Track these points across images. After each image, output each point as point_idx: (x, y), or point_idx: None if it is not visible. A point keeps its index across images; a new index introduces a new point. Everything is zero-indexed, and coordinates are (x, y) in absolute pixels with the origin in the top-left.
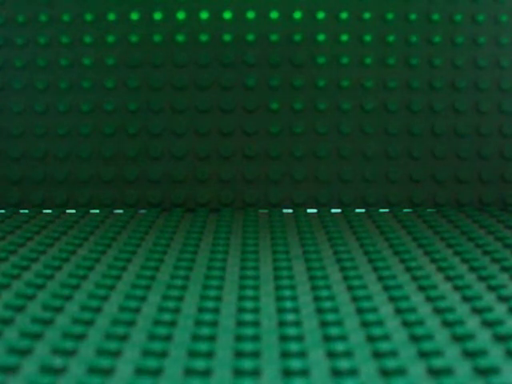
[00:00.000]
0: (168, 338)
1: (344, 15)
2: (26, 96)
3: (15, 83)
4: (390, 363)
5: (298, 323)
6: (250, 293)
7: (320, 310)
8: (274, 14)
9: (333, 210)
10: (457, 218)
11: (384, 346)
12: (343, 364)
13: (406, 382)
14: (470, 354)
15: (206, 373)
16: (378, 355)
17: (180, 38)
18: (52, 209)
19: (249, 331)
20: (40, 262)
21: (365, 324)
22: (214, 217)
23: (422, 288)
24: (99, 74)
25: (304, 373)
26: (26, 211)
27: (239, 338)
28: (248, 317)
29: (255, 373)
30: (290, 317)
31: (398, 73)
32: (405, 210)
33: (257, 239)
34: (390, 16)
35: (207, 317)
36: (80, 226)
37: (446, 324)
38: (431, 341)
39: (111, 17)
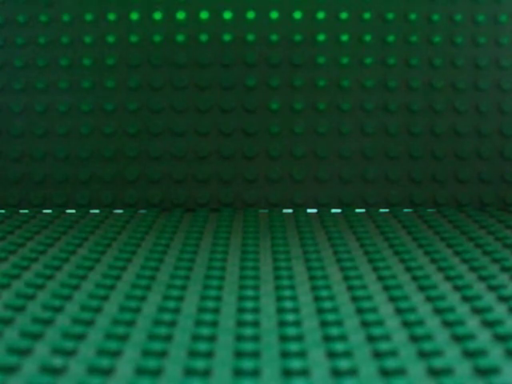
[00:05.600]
0: (168, 338)
1: (344, 15)
2: (26, 96)
3: (15, 83)
4: (390, 363)
5: (298, 323)
6: (249, 293)
7: (320, 310)
8: (273, 14)
9: (333, 210)
10: (457, 218)
11: (384, 346)
12: (343, 364)
13: (405, 382)
14: (470, 354)
15: (206, 373)
16: (377, 355)
17: (180, 38)
18: (52, 209)
19: (249, 331)
20: (40, 262)
21: (365, 324)
22: (214, 217)
23: (421, 288)
24: (99, 73)
25: (304, 373)
26: (26, 211)
27: (239, 338)
28: (248, 317)
29: (255, 373)
30: (290, 317)
31: (398, 73)
32: (405, 210)
33: (257, 239)
34: (390, 16)
35: (207, 317)
36: (80, 226)
37: (446, 324)
38: (431, 341)
39: (111, 17)
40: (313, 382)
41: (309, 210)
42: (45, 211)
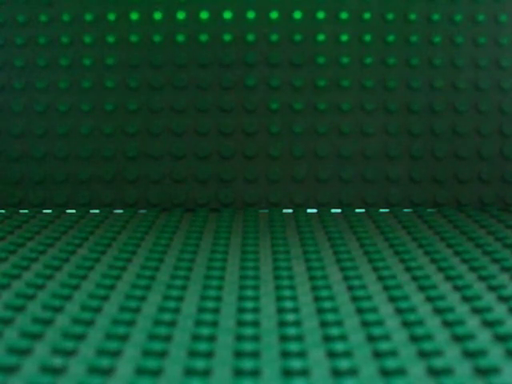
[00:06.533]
0: (168, 338)
1: (344, 15)
2: (26, 96)
3: (15, 83)
4: (390, 363)
5: (298, 323)
6: (249, 293)
7: (320, 310)
8: (273, 14)
9: (333, 210)
10: (457, 218)
11: (384, 346)
12: (343, 364)
13: (405, 381)
14: (470, 354)
15: (206, 373)
16: (377, 355)
17: (180, 38)
18: (52, 209)
19: (249, 331)
20: (40, 262)
21: (365, 324)
22: (214, 217)
23: (421, 288)
24: (99, 74)
25: (304, 373)
26: (26, 211)
27: (239, 338)
28: (248, 317)
29: (255, 373)
30: (290, 317)
31: (398, 73)
32: (405, 210)
33: (257, 239)
34: (390, 16)
35: (207, 317)
36: (80, 226)
37: (446, 324)
38: (431, 341)
39: (111, 17)
40: (313, 382)
41: (309, 210)
42: (45, 211)
